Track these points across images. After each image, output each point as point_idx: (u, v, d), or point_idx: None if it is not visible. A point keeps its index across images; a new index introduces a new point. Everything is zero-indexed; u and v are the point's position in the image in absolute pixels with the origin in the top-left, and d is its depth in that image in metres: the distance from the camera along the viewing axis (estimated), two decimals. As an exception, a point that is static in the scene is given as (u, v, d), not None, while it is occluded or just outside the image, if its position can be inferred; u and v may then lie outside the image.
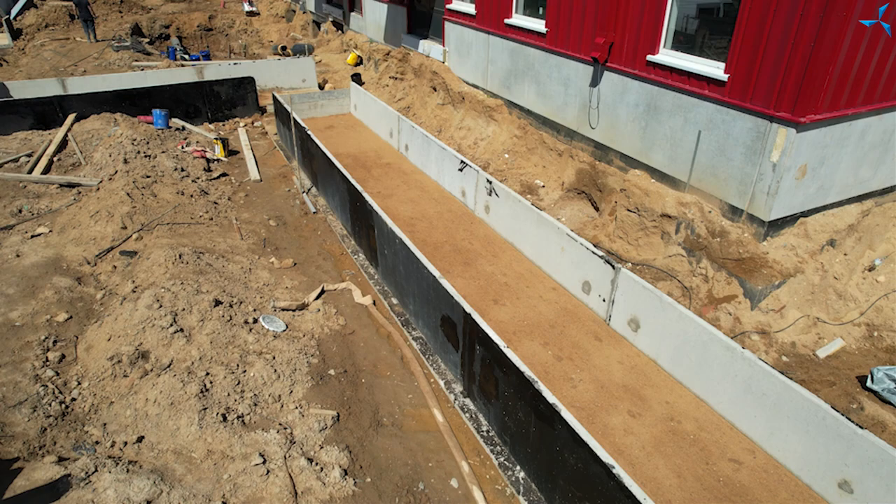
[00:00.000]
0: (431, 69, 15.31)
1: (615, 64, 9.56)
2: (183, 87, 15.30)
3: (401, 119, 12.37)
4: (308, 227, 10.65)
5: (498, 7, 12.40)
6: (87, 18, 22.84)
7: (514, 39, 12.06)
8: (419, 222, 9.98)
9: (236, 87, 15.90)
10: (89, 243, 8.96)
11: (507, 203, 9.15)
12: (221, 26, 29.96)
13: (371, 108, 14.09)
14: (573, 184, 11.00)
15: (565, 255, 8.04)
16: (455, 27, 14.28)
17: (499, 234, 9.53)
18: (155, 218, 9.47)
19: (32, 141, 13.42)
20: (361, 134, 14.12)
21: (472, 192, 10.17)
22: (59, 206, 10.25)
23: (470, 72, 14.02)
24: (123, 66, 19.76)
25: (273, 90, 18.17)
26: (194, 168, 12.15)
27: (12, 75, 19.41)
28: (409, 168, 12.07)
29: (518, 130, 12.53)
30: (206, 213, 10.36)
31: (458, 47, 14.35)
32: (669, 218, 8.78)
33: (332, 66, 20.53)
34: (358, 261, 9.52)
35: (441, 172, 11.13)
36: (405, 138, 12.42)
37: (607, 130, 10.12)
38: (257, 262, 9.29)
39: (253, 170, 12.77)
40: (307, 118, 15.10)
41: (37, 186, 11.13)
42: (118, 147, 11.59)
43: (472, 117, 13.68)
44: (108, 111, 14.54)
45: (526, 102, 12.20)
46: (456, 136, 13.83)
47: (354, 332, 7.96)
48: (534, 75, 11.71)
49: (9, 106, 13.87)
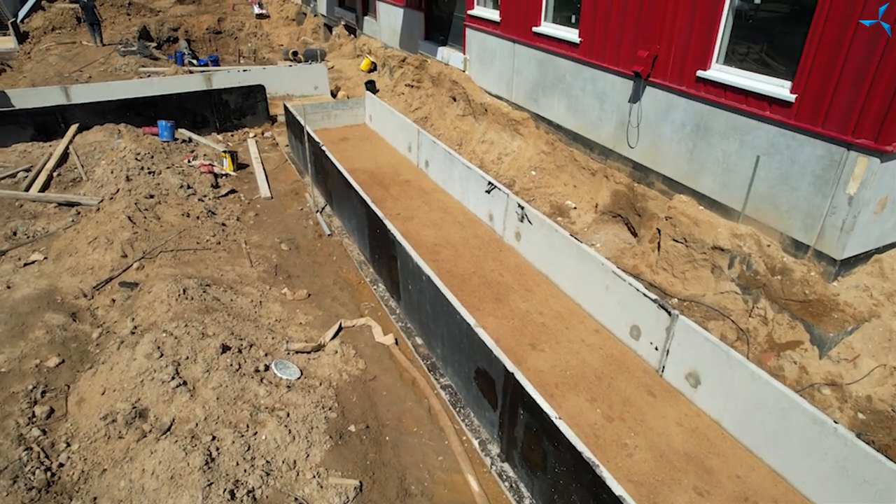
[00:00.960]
0: (451, 78, 14.53)
1: (659, 79, 8.74)
2: (190, 96, 14.60)
3: (421, 133, 11.61)
4: (322, 252, 9.90)
5: (525, 14, 11.60)
6: (93, 22, 22.23)
7: (543, 49, 11.26)
8: (444, 249, 9.20)
9: (246, 95, 15.19)
10: (86, 273, 8.24)
11: (541, 232, 8.35)
12: (231, 29, 29.32)
13: (388, 119, 13.33)
14: (608, 206, 10.18)
15: (610, 294, 7.24)
16: (477, 34, 13.49)
17: (532, 264, 8.74)
18: (158, 245, 8.74)
19: (32, 154, 12.75)
20: (377, 147, 13.36)
21: (500, 217, 9.38)
22: (57, 229, 9.54)
23: (493, 82, 13.23)
24: (130, 72, 19.09)
25: (284, 98, 17.46)
26: (201, 184, 11.43)
27: (15, 82, 18.79)
28: (429, 186, 11.29)
29: (546, 146, 11.73)
30: (213, 236, 9.63)
31: (480, 56, 13.57)
32: (722, 251, 7.95)
33: (344, 73, 19.79)
34: (377, 291, 8.76)
35: (466, 193, 10.35)
36: (425, 153, 11.66)
37: (648, 151, 9.31)
38: (268, 293, 8.54)
39: (263, 186, 12.04)
40: (320, 129, 14.36)
41: (34, 205, 10.43)
42: (120, 163, 10.88)
43: (496, 131, 12.89)
44: (111, 122, 13.85)
45: (555, 116, 11.40)
46: (478, 151, 13.05)
47: (376, 378, 7.19)
48: (564, 88, 10.91)
49: (9, 116, 13.22)
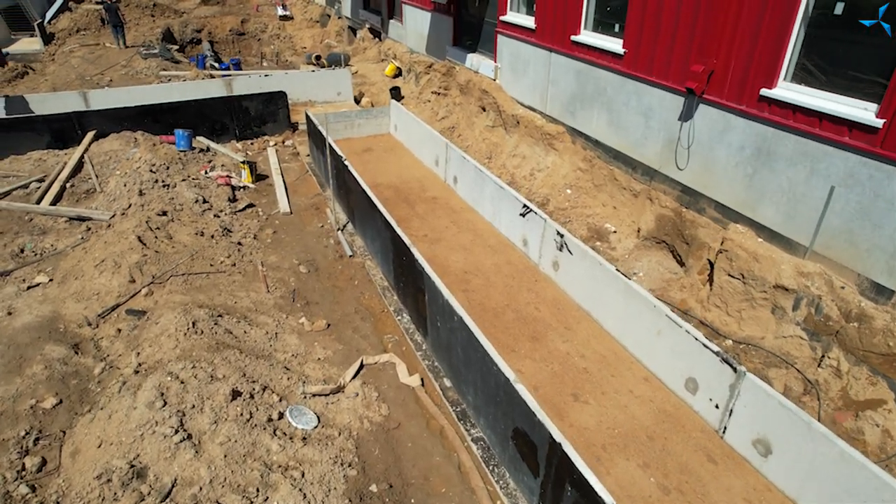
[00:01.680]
0: (480, 87, 13.82)
1: (715, 96, 7.94)
2: (209, 103, 14.11)
3: (449, 147, 10.92)
4: (343, 275, 9.26)
5: (563, 22, 10.85)
6: (116, 24, 21.97)
7: (583, 59, 10.50)
8: (474, 278, 8.50)
9: (267, 102, 14.66)
10: (92, 299, 7.70)
11: (582, 263, 7.61)
12: (254, 31, 28.96)
13: (413, 130, 12.67)
14: (652, 231, 9.39)
15: (663, 339, 6.47)
16: (509, 42, 12.77)
17: (571, 298, 8.00)
18: (168, 269, 8.18)
19: (47, 162, 12.35)
20: (402, 159, 12.71)
21: (536, 243, 8.65)
22: (65, 247, 9.04)
23: (526, 92, 12.50)
24: (150, 76, 18.73)
25: (306, 104, 16.92)
26: (217, 198, 10.88)
27: (37, 85, 18.54)
28: (458, 205, 10.60)
29: (583, 163, 10.96)
30: (227, 257, 9.05)
31: (512, 64, 12.84)
32: (785, 290, 7.13)
33: (368, 78, 19.20)
34: (402, 323, 8.09)
35: (497, 214, 9.64)
36: (454, 169, 10.97)
37: (700, 174, 8.50)
38: (285, 322, 7.93)
39: (283, 200, 11.46)
40: (343, 139, 13.76)
41: (44, 219, 9.97)
42: (134, 175, 10.37)
43: (528, 144, 12.15)
44: (128, 128, 13.42)
45: (594, 132, 10.63)
46: (508, 165, 12.32)
47: (400, 426, 6.52)
48: (605, 102, 10.13)
49: (25, 123, 12.84)
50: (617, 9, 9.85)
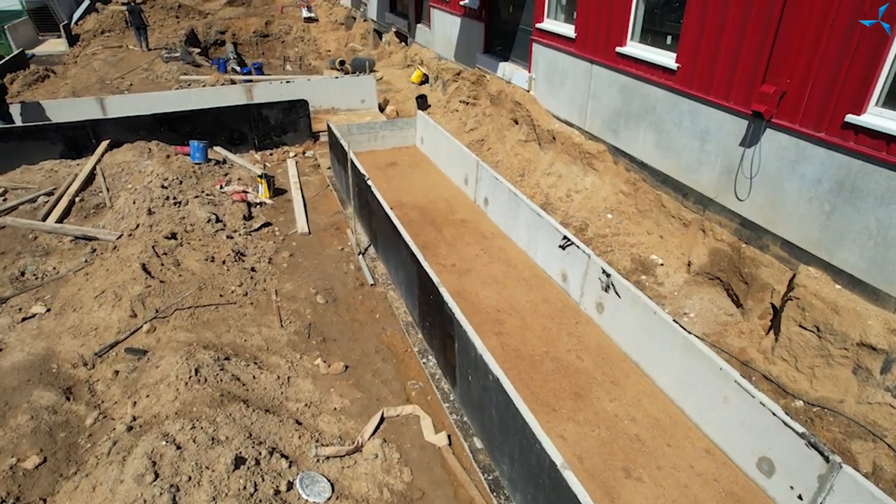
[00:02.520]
0: (513, 98, 12.98)
1: (787, 121, 6.99)
2: (227, 111, 13.50)
3: (481, 166, 10.10)
4: (364, 307, 8.51)
5: (607, 32, 9.95)
6: (139, 26, 21.58)
7: (629, 73, 9.60)
8: (508, 317, 7.67)
9: (287, 110, 14.00)
10: (90, 334, 7.04)
11: (633, 310, 6.73)
12: (278, 33, 28.48)
13: (441, 144, 11.87)
14: (704, 266, 8.46)
15: (730, 407, 5.58)
16: (546, 51, 11.90)
17: (618, 346, 7.12)
18: (174, 302, 7.49)
19: (58, 173, 11.82)
20: (429, 175, 11.93)
21: (577, 279, 7.79)
22: (67, 271, 8.43)
23: (563, 106, 11.62)
24: (171, 80, 18.24)
25: (329, 112, 16.25)
26: (232, 216, 10.21)
27: (57, 89, 18.17)
28: (489, 229, 9.77)
29: (626, 186, 10.06)
30: (239, 286, 8.35)
31: (548, 75, 11.97)
32: (873, 349, 6.18)
33: (393, 84, 18.47)
34: (427, 367, 7.30)
35: (533, 243, 8.79)
36: (485, 190, 10.14)
37: (764, 207, 7.56)
38: (299, 363, 7.19)
39: (301, 219, 10.75)
40: (366, 151, 13.03)
41: (48, 238, 9.39)
42: (144, 192, 9.75)
43: (565, 162, 11.27)
44: (144, 137, 12.86)
45: (639, 152, 9.72)
46: (543, 184, 11.46)
47: (424, 496, 5.73)
48: (654, 121, 9.22)
49: (38, 131, 12.35)
50: (670, 18, 8.93)
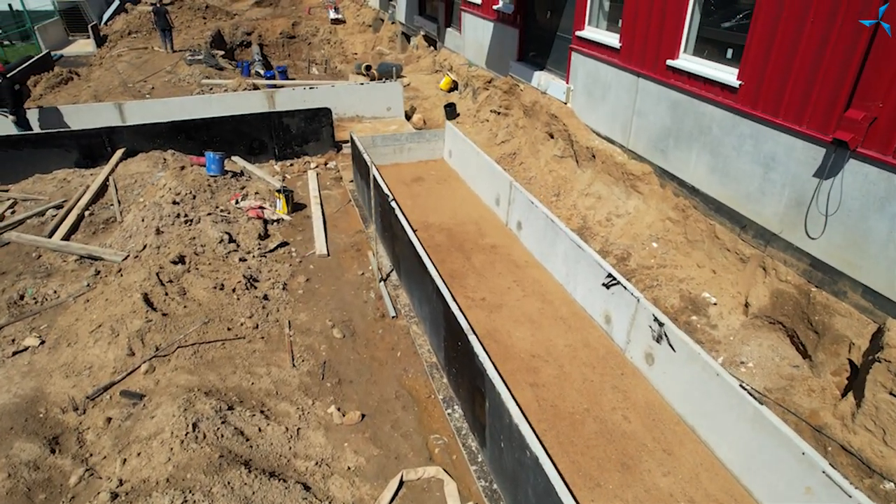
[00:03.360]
0: (548, 110, 12.13)
1: (877, 152, 6.04)
2: (247, 119, 12.91)
3: (514, 187, 9.28)
4: (384, 343, 7.77)
5: (657, 42, 9.06)
6: (164, 28, 21.25)
7: (680, 89, 8.69)
8: (544, 365, 6.85)
9: (309, 119, 13.36)
10: (83, 374, 6.42)
11: (690, 367, 5.85)
12: (304, 34, 28.03)
13: (471, 159, 11.08)
14: (765, 309, 7.53)
15: (815, 500, 4.67)
16: (586, 61, 11.02)
17: (670, 406, 6.25)
18: (177, 338, 6.83)
19: (71, 183, 11.34)
20: (457, 192, 11.15)
21: (623, 323, 6.93)
22: (67, 297, 7.85)
23: (604, 121, 10.73)
24: (193, 83, 17.79)
25: (353, 119, 15.59)
26: (246, 235, 9.56)
27: (79, 92, 17.84)
28: (522, 257, 8.95)
29: (674, 212, 9.15)
30: (249, 317, 7.68)
31: (588, 87, 11.09)
32: (982, 429, 5.21)
33: (421, 91, 17.74)
34: (453, 419, 6.52)
35: (572, 277, 7.95)
36: (518, 213, 9.32)
37: (843, 248, 6.60)
38: (311, 411, 6.48)
39: (320, 238, 10.06)
40: (391, 164, 12.31)
41: (52, 256, 8.85)
42: (154, 210, 9.15)
43: (606, 183, 10.39)
44: (160, 146, 12.34)
45: (690, 177, 8.80)
46: (580, 206, 10.59)
47: (447, 587, 4.96)
48: (709, 143, 8.30)
49: (53, 139, 11.91)
50: (732, 29, 8.01)
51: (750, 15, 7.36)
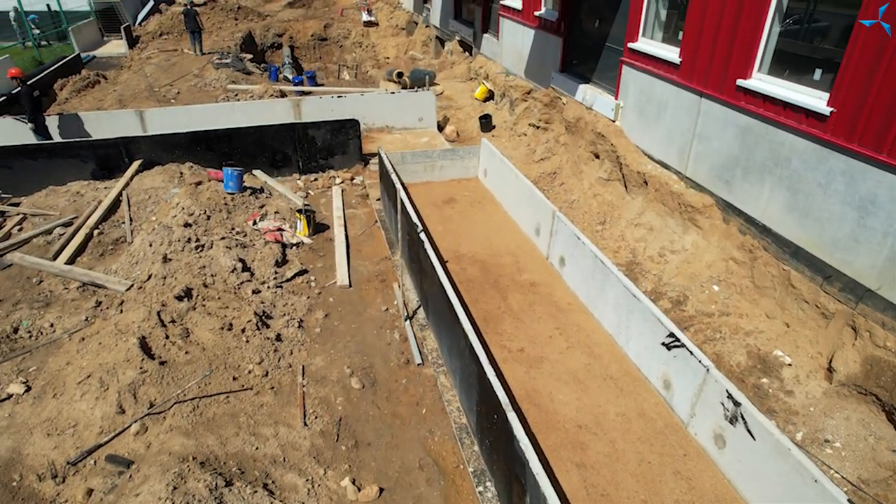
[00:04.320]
0: (594, 128, 11.10)
1: None
2: (270, 131, 12.18)
3: (557, 218, 8.30)
4: (408, 397, 6.88)
5: (726, 58, 7.97)
6: (194, 30, 20.81)
7: (752, 113, 7.60)
8: (593, 439, 5.86)
9: (336, 131, 12.58)
10: (66, 433, 5.68)
11: (773, 460, 4.81)
12: (336, 37, 27.42)
13: (509, 181, 10.13)
14: (855, 377, 6.41)
15: None
16: (639, 76, 9.97)
17: (743, 498, 5.20)
18: (174, 393, 6.05)
19: (84, 197, 10.75)
20: (492, 217, 10.21)
21: (686, 392, 5.91)
22: (63, 333, 7.17)
23: (658, 144, 9.67)
24: (219, 88, 17.22)
25: (382, 130, 14.77)
26: (262, 262, 8.79)
27: (105, 96, 17.43)
28: (565, 298, 7.97)
29: (739, 252, 8.05)
30: (259, 363, 6.87)
31: (640, 105, 10.04)
32: None
33: (455, 100, 16.84)
34: (484, 498, 5.59)
35: (624, 328, 6.93)
36: (561, 247, 8.34)
37: (963, 315, 5.47)
38: (321, 485, 5.63)
39: (341, 266, 9.23)
40: (421, 183, 11.44)
41: (54, 282, 8.21)
42: (163, 233, 8.44)
43: (659, 213, 9.33)
44: (178, 157, 11.71)
45: (761, 213, 7.71)
46: (629, 237, 9.54)
47: None
48: (787, 177, 7.21)
49: (69, 149, 11.36)
50: (822, 45, 6.90)
51: (850, 29, 6.25)
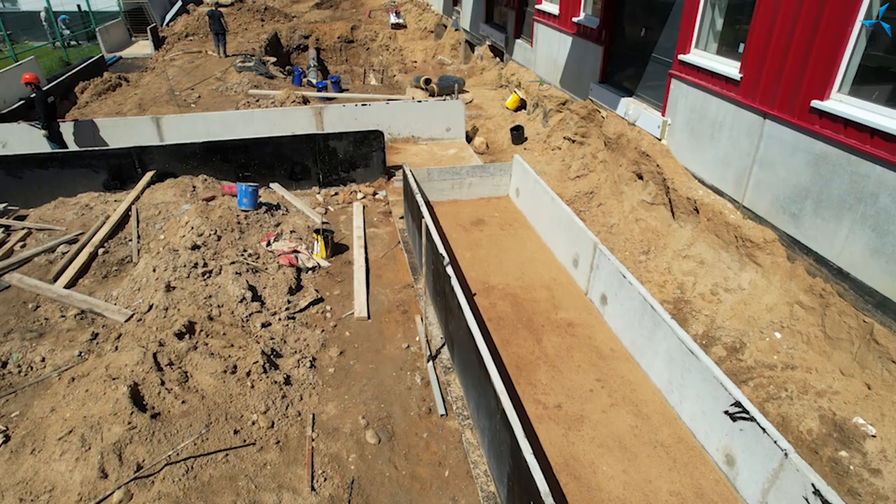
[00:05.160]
0: (638, 146, 10.19)
1: None
2: (288, 142, 11.53)
3: (599, 250, 7.44)
4: (429, 455, 6.11)
5: (798, 75, 7.03)
6: (218, 31, 20.37)
7: (830, 140, 6.65)
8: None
9: (359, 143, 11.87)
10: (41, 498, 4.99)
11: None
12: (363, 39, 26.82)
13: (544, 204, 9.29)
14: (956, 457, 5.43)
15: None
16: (690, 91, 9.05)
17: None
18: (165, 453, 5.36)
19: (93, 210, 10.22)
20: (525, 243, 9.37)
21: (756, 475, 5.01)
22: (54, 370, 6.55)
23: (711, 168, 8.74)
24: (240, 93, 16.67)
25: (407, 141, 14.05)
26: (274, 290, 8.11)
27: (125, 99, 17.02)
28: (607, 343, 7.10)
29: (807, 296, 7.09)
30: (264, 412, 6.16)
31: (691, 123, 9.11)
32: None
33: (484, 109, 16.02)
34: None
35: (678, 386, 6.05)
36: (603, 284, 7.47)
37: None
38: (326, 568, 4.87)
39: (360, 295, 8.50)
40: (448, 201, 10.67)
41: (51, 308, 7.62)
42: (168, 258, 7.79)
43: (711, 245, 8.40)
44: (192, 169, 11.13)
45: (836, 254, 6.75)
46: (676, 270, 8.63)
47: None
48: (872, 215, 6.24)
49: (80, 158, 10.85)
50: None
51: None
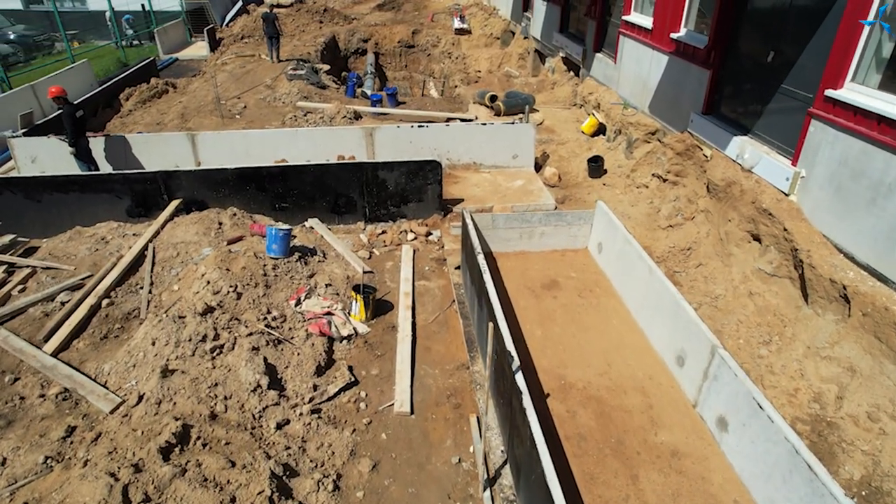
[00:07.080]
0: (756, 199, 8.13)
1: None
2: (333, 170, 10.05)
3: (720, 357, 5.52)
4: None
5: None
6: (272, 35, 19.27)
7: None
8: None
9: (412, 174, 10.26)
10: None
11: None
12: (424, 44, 25.31)
13: (636, 270, 7.40)
14: None
15: None
16: (840, 137, 6.95)
17: None
18: None
19: (109, 244, 9.01)
20: (610, 320, 7.51)
21: None
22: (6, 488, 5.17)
23: (871, 243, 6.62)
24: (288, 104, 15.39)
25: (468, 168, 12.37)
26: (297, 372, 6.56)
27: (168, 108, 16.02)
28: (729, 491, 5.18)
29: None
30: (264, 573, 4.58)
31: (839, 179, 7.00)
32: None
33: (557, 133, 14.13)
34: None
35: None
36: (723, 402, 5.54)
37: None
38: None
39: (403, 380, 6.86)
40: (516, 253, 8.93)
41: (31, 382, 6.31)
42: (172, 329, 6.36)
43: (867, 349, 6.29)
44: (223, 197, 9.80)
45: None
46: (811, 374, 6.55)
47: None
48: None
49: (102, 182, 9.68)
50: None
51: None
